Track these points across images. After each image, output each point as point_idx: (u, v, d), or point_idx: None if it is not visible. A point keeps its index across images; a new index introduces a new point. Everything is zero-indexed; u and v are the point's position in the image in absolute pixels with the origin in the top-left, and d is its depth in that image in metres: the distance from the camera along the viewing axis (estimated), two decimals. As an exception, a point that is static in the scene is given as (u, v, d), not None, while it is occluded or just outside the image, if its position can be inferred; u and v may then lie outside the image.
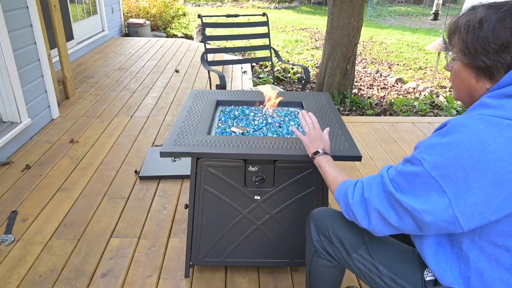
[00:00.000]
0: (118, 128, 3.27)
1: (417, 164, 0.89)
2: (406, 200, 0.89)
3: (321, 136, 1.35)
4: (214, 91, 2.06)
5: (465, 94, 0.99)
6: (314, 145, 1.32)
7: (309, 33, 8.86)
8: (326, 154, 1.28)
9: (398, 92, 4.90)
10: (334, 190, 1.13)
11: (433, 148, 0.87)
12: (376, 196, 0.96)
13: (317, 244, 1.24)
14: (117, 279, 1.75)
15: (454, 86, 1.02)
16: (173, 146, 1.46)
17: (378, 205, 0.96)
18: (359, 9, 3.87)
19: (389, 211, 0.94)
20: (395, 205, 0.92)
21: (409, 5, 14.96)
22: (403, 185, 0.91)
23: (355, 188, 1.04)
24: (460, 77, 0.97)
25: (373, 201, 0.97)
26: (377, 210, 0.96)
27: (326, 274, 1.29)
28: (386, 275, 1.10)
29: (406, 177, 0.91)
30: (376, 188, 0.97)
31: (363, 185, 1.02)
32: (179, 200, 2.33)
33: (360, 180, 1.05)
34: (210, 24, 3.12)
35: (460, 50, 0.93)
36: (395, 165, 0.98)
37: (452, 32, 0.97)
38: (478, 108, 0.89)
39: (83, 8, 5.80)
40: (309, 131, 1.36)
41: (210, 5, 13.28)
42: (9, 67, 2.78)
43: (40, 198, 2.31)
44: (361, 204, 1.00)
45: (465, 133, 0.83)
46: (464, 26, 0.92)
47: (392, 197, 0.92)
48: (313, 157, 1.29)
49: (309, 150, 1.32)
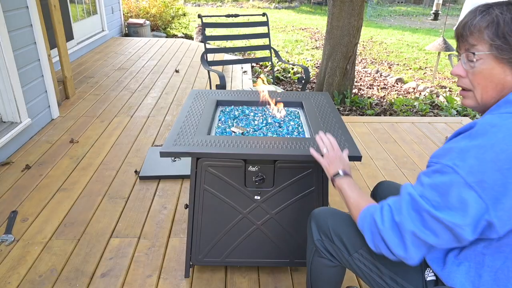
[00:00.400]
0: (118, 128, 3.27)
1: (449, 173, 0.82)
2: (444, 216, 0.82)
3: (341, 156, 1.27)
4: (214, 91, 2.06)
5: (494, 94, 0.91)
6: (334, 166, 1.24)
7: (309, 33, 8.86)
8: (347, 176, 1.20)
9: (398, 92, 4.90)
10: (356, 217, 1.04)
11: (466, 153, 0.81)
12: (408, 217, 0.88)
13: (318, 244, 1.23)
14: (117, 279, 1.75)
15: (480, 88, 0.93)
16: (173, 146, 1.46)
17: (412, 227, 0.87)
18: (359, 9, 3.87)
19: (424, 232, 0.86)
20: (432, 223, 0.85)
21: (409, 5, 14.96)
22: (436, 200, 0.84)
23: (382, 212, 0.94)
24: (491, 76, 0.90)
25: (406, 224, 0.88)
26: (412, 233, 0.87)
27: (327, 273, 1.29)
28: (387, 274, 1.09)
29: (438, 190, 0.84)
30: (406, 209, 0.89)
31: (391, 208, 0.93)
32: (179, 200, 2.33)
33: (385, 203, 0.95)
34: (210, 24, 3.12)
35: (496, 46, 0.87)
36: (418, 180, 0.91)
37: (479, 28, 0.89)
38: (505, 106, 0.86)
39: (83, 8, 5.80)
40: (327, 152, 1.29)
41: (210, 5, 13.28)
42: (9, 67, 2.78)
43: (40, 198, 2.31)
44: (393, 229, 0.90)
45: (498, 133, 0.80)
46: (504, 19, 0.86)
47: (429, 216, 0.85)
48: (333, 180, 1.21)
49: (329, 172, 1.25)
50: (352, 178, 1.20)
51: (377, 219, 0.94)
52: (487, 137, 0.81)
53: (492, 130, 0.81)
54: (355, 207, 1.06)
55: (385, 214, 0.93)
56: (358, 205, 1.06)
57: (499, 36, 0.86)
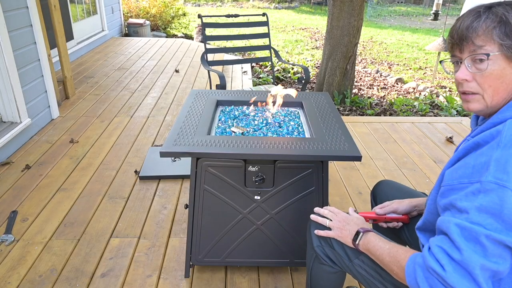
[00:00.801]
0: (118, 128, 3.27)
1: (494, 190, 0.75)
2: (507, 238, 0.74)
3: (347, 217, 1.16)
4: (214, 91, 2.06)
5: (505, 95, 0.88)
6: (346, 231, 1.12)
7: (309, 33, 8.86)
8: (367, 233, 1.07)
9: (398, 92, 4.90)
10: (401, 275, 0.90)
11: (505, 163, 0.76)
12: (469, 250, 0.76)
13: (318, 250, 1.21)
14: (117, 279, 1.75)
15: (490, 90, 0.88)
16: (173, 146, 1.46)
17: (479, 259, 0.75)
18: (359, 9, 3.87)
19: (492, 259, 0.76)
20: (494, 248, 0.75)
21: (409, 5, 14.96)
22: (490, 222, 0.75)
23: (435, 257, 0.79)
24: (503, 76, 0.86)
25: (471, 258, 0.75)
26: (481, 267, 0.75)
27: (327, 279, 1.27)
28: (389, 280, 1.08)
29: (488, 212, 0.76)
30: (462, 242, 0.77)
31: (444, 250, 0.79)
32: (179, 200, 2.33)
33: (433, 245, 0.82)
34: (210, 24, 3.12)
35: (506, 46, 0.84)
36: (454, 210, 0.81)
37: (485, 28, 0.86)
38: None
39: (83, 8, 5.80)
40: (331, 222, 1.17)
41: (210, 5, 13.28)
42: (9, 67, 2.78)
43: (40, 198, 2.31)
44: (458, 271, 0.76)
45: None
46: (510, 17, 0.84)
47: (489, 241, 0.75)
48: (357, 245, 1.08)
49: (346, 241, 1.12)
50: (374, 231, 1.07)
51: (435, 267, 0.78)
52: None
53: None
54: (393, 262, 0.93)
55: (440, 257, 0.79)
56: (396, 259, 0.92)
57: (509, 35, 0.84)
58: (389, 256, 0.95)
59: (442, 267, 0.78)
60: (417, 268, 0.83)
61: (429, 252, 0.82)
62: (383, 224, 1.32)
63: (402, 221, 1.30)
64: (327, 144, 1.49)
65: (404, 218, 1.28)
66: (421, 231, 1.06)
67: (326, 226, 1.18)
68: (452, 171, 0.87)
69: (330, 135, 1.58)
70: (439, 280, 0.78)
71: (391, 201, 1.32)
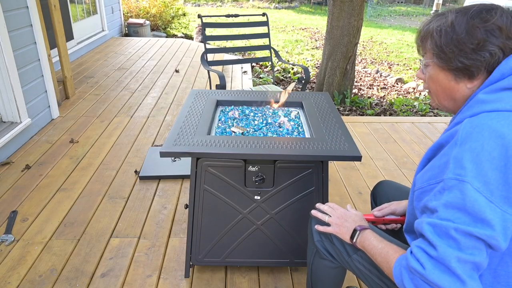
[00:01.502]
0: (118, 128, 3.27)
1: (455, 186, 0.80)
2: (474, 229, 0.77)
3: (345, 213, 1.18)
4: (214, 91, 2.06)
5: (445, 98, 0.97)
6: (345, 228, 1.14)
7: (309, 33, 8.86)
8: (364, 230, 1.09)
9: (398, 92, 4.90)
10: (391, 275, 0.93)
11: (461, 159, 0.80)
12: (443, 245, 0.79)
13: (319, 244, 1.23)
14: (117, 279, 1.75)
15: (432, 92, 1.00)
16: (173, 146, 1.46)
17: (453, 252, 0.78)
18: (359, 9, 3.87)
19: (466, 251, 0.78)
20: (466, 241, 0.78)
21: (409, 5, 14.96)
22: (457, 216, 0.79)
23: (415, 256, 0.84)
24: (438, 82, 0.96)
25: (446, 252, 0.79)
26: (457, 259, 0.78)
27: (327, 274, 1.28)
28: (386, 276, 1.09)
29: (454, 206, 0.80)
30: (435, 239, 0.81)
31: (422, 248, 0.83)
32: (179, 200, 2.33)
33: (413, 246, 0.86)
34: (210, 24, 3.12)
35: (435, 55, 0.93)
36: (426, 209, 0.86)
37: (423, 38, 0.96)
38: (476, 106, 0.88)
39: (83, 8, 5.80)
40: (330, 218, 1.19)
41: (210, 5, 13.28)
42: (9, 67, 2.78)
43: (40, 198, 2.31)
44: (437, 267, 0.80)
45: (483, 132, 0.81)
46: (436, 31, 0.92)
47: (459, 233, 0.78)
48: (354, 243, 1.11)
49: (344, 237, 1.14)
50: (371, 229, 1.10)
51: (415, 266, 0.82)
52: (474, 139, 0.81)
53: (475, 131, 0.82)
54: (384, 262, 0.97)
55: (419, 256, 0.83)
56: (386, 260, 0.96)
57: (438, 46, 0.92)
58: (380, 256, 0.99)
59: (422, 265, 0.81)
60: (402, 270, 0.87)
61: (411, 254, 0.86)
62: (382, 226, 1.32)
63: (400, 223, 1.30)
64: (327, 144, 1.49)
65: (402, 219, 1.28)
66: (407, 232, 1.09)
67: (326, 222, 1.20)
68: (422, 174, 0.93)
69: (330, 135, 1.58)
70: (422, 279, 0.82)
71: (390, 203, 1.32)
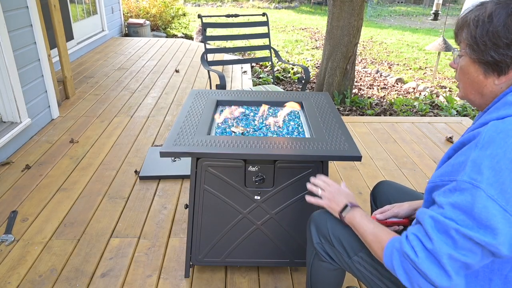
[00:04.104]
0: (118, 128, 3.27)
1: (468, 189, 0.79)
2: (475, 234, 0.78)
3: (339, 189, 1.21)
4: (214, 91, 2.06)
5: (472, 91, 0.95)
6: (336, 202, 1.17)
7: (309, 33, 8.86)
8: (354, 208, 1.12)
9: (398, 92, 4.90)
10: (380, 255, 0.96)
11: (480, 164, 0.79)
12: (439, 241, 0.82)
13: (318, 247, 1.22)
14: (117, 279, 1.75)
15: (461, 84, 0.98)
16: (173, 146, 1.46)
17: (447, 249, 0.81)
18: (359, 9, 3.87)
19: (460, 251, 0.81)
20: (463, 242, 0.80)
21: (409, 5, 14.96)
22: (462, 218, 0.80)
23: (411, 243, 0.87)
24: (468, 74, 0.94)
25: (440, 248, 0.81)
26: (449, 257, 0.81)
27: (327, 277, 1.28)
28: (387, 277, 1.09)
29: (461, 209, 0.80)
30: (434, 233, 0.83)
31: (418, 237, 0.86)
32: (179, 200, 2.33)
33: (409, 233, 0.89)
34: (210, 24, 3.12)
35: (469, 46, 0.91)
36: (435, 203, 0.87)
37: (460, 28, 0.94)
38: (503, 108, 0.86)
39: (83, 8, 5.80)
40: (323, 192, 1.22)
41: (210, 5, 13.28)
42: (9, 67, 2.78)
43: (40, 198, 2.31)
44: (429, 259, 0.83)
45: (507, 139, 0.78)
46: (473, 21, 0.90)
47: (458, 234, 0.80)
48: (342, 217, 1.13)
49: (334, 210, 1.17)
50: (361, 208, 1.12)
51: (409, 252, 0.86)
52: (497, 145, 0.79)
53: (499, 136, 0.79)
54: (375, 242, 0.99)
55: (415, 244, 0.86)
56: (377, 240, 0.98)
57: (472, 37, 0.90)
58: (372, 235, 1.01)
59: (415, 253, 0.85)
60: (394, 252, 0.91)
61: (406, 239, 0.89)
62: None
63: (403, 225, 1.29)
64: (327, 144, 1.49)
65: (405, 221, 1.28)
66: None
67: (319, 195, 1.23)
68: (438, 170, 0.93)
69: (330, 135, 1.58)
70: (412, 265, 0.86)
71: (391, 205, 1.30)
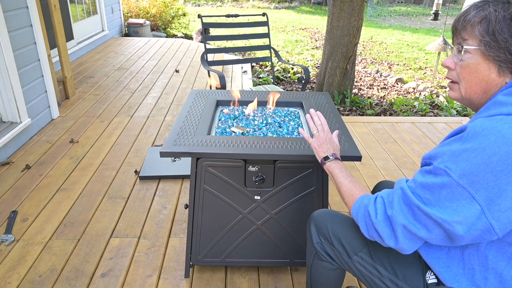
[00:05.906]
0: (118, 128, 3.27)
1: (441, 175, 0.84)
2: (434, 212, 0.85)
3: (331, 139, 1.26)
4: (214, 91, 2.06)
5: (478, 90, 0.93)
6: (324, 149, 1.23)
7: (309, 33, 8.86)
8: (337, 160, 1.19)
9: (398, 92, 4.90)
10: (350, 206, 1.06)
11: (458, 156, 0.82)
12: (399, 211, 0.91)
13: (318, 246, 1.22)
14: (117, 279, 1.75)
15: (464, 83, 0.95)
16: (173, 146, 1.46)
17: (403, 220, 0.90)
18: (359, 9, 3.87)
19: (415, 225, 0.89)
20: (422, 218, 0.87)
21: (409, 5, 14.96)
22: (427, 197, 0.86)
23: (376, 205, 0.97)
24: (477, 72, 0.91)
25: (398, 217, 0.91)
26: (403, 226, 0.90)
27: (327, 276, 1.28)
28: (387, 277, 1.09)
29: (430, 189, 0.86)
30: (398, 202, 0.92)
31: (384, 201, 0.96)
32: (179, 200, 2.33)
33: (379, 195, 0.98)
34: (210, 24, 3.12)
35: (484, 42, 0.88)
36: (413, 177, 0.93)
37: (472, 23, 0.90)
38: (493, 107, 0.86)
39: (83, 8, 5.80)
40: (317, 133, 1.27)
41: (210, 5, 13.28)
42: (9, 67, 2.78)
43: (40, 198, 2.31)
44: (385, 222, 0.94)
45: (489, 136, 0.80)
46: (494, 15, 0.86)
47: (419, 210, 0.87)
48: (323, 163, 1.21)
49: (318, 154, 1.24)
50: (342, 162, 1.20)
51: (371, 212, 0.97)
52: (478, 141, 0.81)
53: (482, 133, 0.81)
54: (348, 194, 1.09)
55: (378, 207, 0.96)
56: (351, 193, 1.08)
57: (489, 33, 0.87)
58: (347, 188, 1.10)
59: (376, 214, 0.96)
60: (361, 206, 1.01)
61: (374, 200, 0.98)
62: None
63: None
64: (327, 144, 1.48)
65: None
66: None
67: (313, 133, 1.28)
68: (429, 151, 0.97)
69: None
70: (371, 223, 0.97)
71: None
